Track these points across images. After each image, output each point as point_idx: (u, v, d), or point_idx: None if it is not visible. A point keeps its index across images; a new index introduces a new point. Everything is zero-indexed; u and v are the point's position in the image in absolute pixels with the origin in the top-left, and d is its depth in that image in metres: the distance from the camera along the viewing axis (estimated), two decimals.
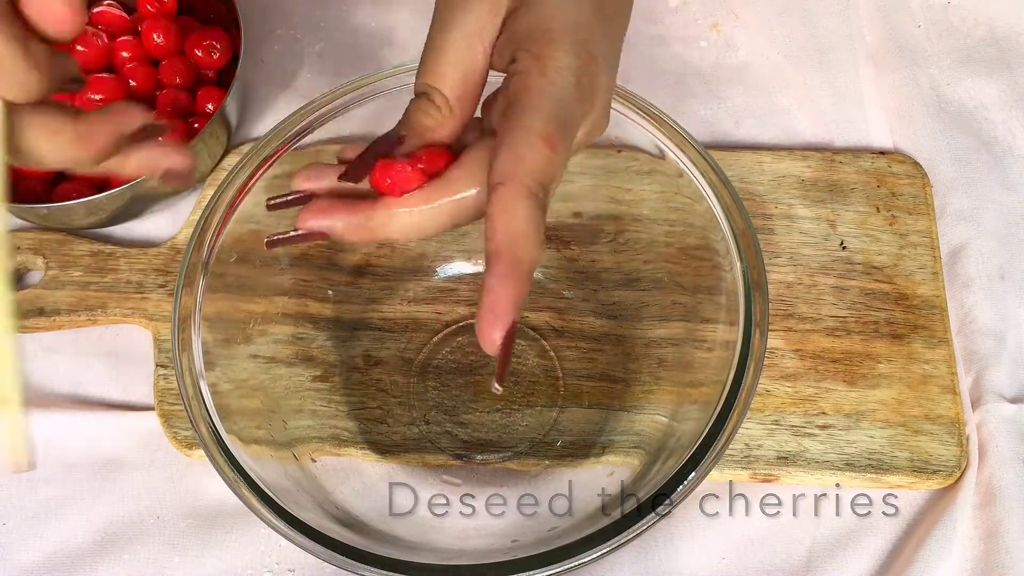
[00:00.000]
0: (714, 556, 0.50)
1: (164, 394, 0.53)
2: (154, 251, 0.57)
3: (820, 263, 0.56)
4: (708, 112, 0.63)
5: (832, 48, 0.66)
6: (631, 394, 0.52)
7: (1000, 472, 0.50)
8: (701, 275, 0.48)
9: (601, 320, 0.55)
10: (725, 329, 0.45)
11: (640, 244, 0.54)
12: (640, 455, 0.48)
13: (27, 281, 0.58)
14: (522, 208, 0.32)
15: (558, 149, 0.32)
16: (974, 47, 0.66)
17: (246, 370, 0.48)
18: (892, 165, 0.60)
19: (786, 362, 0.53)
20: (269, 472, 0.43)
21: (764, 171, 0.59)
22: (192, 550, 0.50)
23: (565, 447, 0.52)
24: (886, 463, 0.50)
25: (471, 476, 0.51)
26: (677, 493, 0.40)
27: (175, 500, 0.51)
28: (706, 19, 0.67)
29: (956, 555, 0.49)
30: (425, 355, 0.54)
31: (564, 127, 0.33)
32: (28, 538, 0.51)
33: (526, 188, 0.32)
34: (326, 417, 0.52)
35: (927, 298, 0.55)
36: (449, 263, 0.56)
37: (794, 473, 0.50)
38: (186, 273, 0.45)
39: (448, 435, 0.52)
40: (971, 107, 0.63)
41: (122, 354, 0.56)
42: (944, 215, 0.59)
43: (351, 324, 0.55)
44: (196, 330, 0.44)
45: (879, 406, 0.52)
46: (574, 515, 0.46)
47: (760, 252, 0.44)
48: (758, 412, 0.52)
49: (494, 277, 0.32)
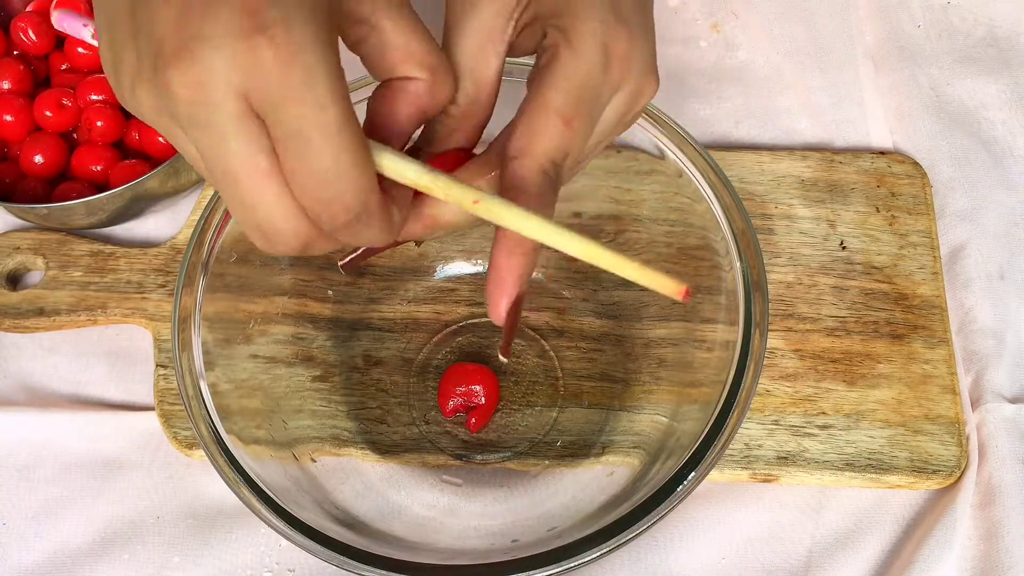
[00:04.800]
0: (714, 556, 0.50)
1: (164, 394, 0.53)
2: (154, 251, 0.57)
3: (820, 263, 0.56)
4: (708, 112, 0.63)
5: (832, 48, 0.66)
6: (631, 394, 0.52)
7: (1000, 472, 0.50)
8: (701, 275, 0.48)
9: (601, 320, 0.55)
10: (725, 329, 0.45)
11: (640, 244, 0.54)
12: (640, 455, 0.48)
13: (27, 281, 0.58)
14: (532, 185, 0.32)
15: (574, 126, 0.33)
16: (974, 47, 0.66)
17: (246, 370, 0.48)
18: (892, 165, 0.60)
19: (786, 362, 0.53)
20: (269, 472, 0.43)
21: (764, 171, 0.59)
22: (192, 550, 0.50)
23: (565, 447, 0.52)
24: (886, 463, 0.50)
25: (471, 476, 0.51)
26: (677, 493, 0.40)
27: (175, 500, 0.51)
28: (706, 19, 0.67)
29: (956, 555, 0.49)
30: (425, 355, 0.54)
31: (585, 102, 0.33)
32: (28, 538, 0.51)
33: (538, 165, 0.32)
34: (326, 417, 0.52)
35: (927, 298, 0.55)
36: (449, 263, 0.56)
37: (794, 473, 0.50)
38: (186, 273, 0.45)
39: (448, 435, 0.52)
40: (971, 107, 0.63)
41: (122, 354, 0.56)
42: (944, 215, 0.59)
43: (351, 324, 0.55)
44: (196, 330, 0.44)
45: (879, 406, 0.52)
46: (574, 515, 0.46)
47: (760, 252, 0.44)
48: (758, 412, 0.52)
49: (502, 251, 0.33)
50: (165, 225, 0.59)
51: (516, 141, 0.33)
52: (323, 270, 0.54)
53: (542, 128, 0.33)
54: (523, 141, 0.33)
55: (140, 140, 0.58)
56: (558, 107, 0.32)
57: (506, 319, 0.34)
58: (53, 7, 0.60)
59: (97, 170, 0.57)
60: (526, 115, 0.33)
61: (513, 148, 0.33)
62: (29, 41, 0.60)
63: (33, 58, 0.61)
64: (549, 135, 0.33)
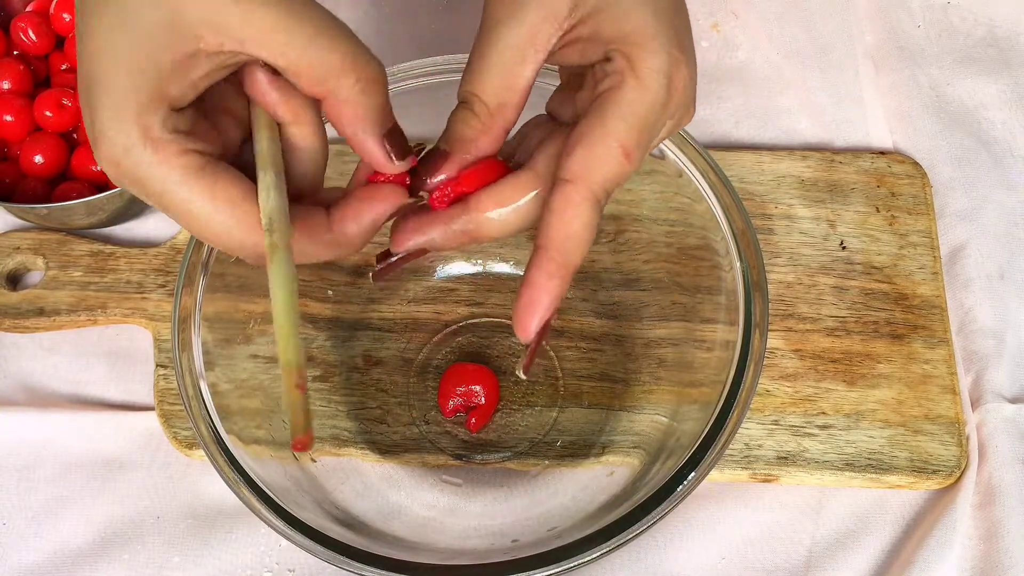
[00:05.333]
0: (713, 556, 0.50)
1: (164, 394, 0.53)
2: (154, 251, 0.57)
3: (820, 263, 0.56)
4: (708, 112, 0.63)
5: (832, 48, 0.66)
6: (631, 394, 0.52)
7: (1000, 472, 0.50)
8: (701, 275, 0.48)
9: (601, 320, 0.55)
10: (725, 329, 0.45)
11: (640, 244, 0.54)
12: (640, 455, 0.48)
13: (27, 281, 0.58)
14: (584, 211, 0.33)
15: (633, 159, 0.33)
16: (974, 47, 0.66)
17: (246, 370, 0.48)
18: (892, 165, 0.60)
19: (786, 362, 0.53)
20: (269, 472, 0.43)
21: (764, 171, 0.59)
22: (192, 550, 0.50)
23: (565, 447, 0.52)
24: (886, 463, 0.50)
25: (471, 476, 0.51)
26: (677, 493, 0.40)
27: (175, 500, 0.51)
28: (706, 19, 0.67)
29: (956, 555, 0.49)
30: (425, 355, 0.54)
31: (646, 135, 0.34)
32: (28, 538, 0.51)
33: (592, 193, 0.33)
34: (326, 417, 0.52)
35: (927, 298, 0.55)
36: (449, 263, 0.56)
37: (794, 473, 0.50)
38: (186, 273, 0.45)
39: (448, 435, 0.52)
40: (971, 107, 0.63)
41: (122, 354, 0.56)
42: (944, 215, 0.59)
43: (351, 324, 0.55)
44: (196, 330, 0.44)
45: (879, 406, 0.52)
46: (574, 515, 0.46)
47: (760, 252, 0.44)
48: (758, 412, 0.52)
49: (542, 272, 0.33)
50: (165, 225, 0.59)
51: (574, 164, 0.33)
52: (323, 270, 0.54)
53: (603, 157, 0.33)
54: (581, 166, 0.33)
55: None
56: (621, 139, 0.33)
57: (534, 339, 0.34)
58: (52, 8, 0.61)
59: (97, 170, 0.57)
60: (586, 140, 0.33)
61: (569, 171, 0.33)
62: (29, 41, 0.60)
63: (33, 58, 0.61)
64: (609, 165, 0.33)
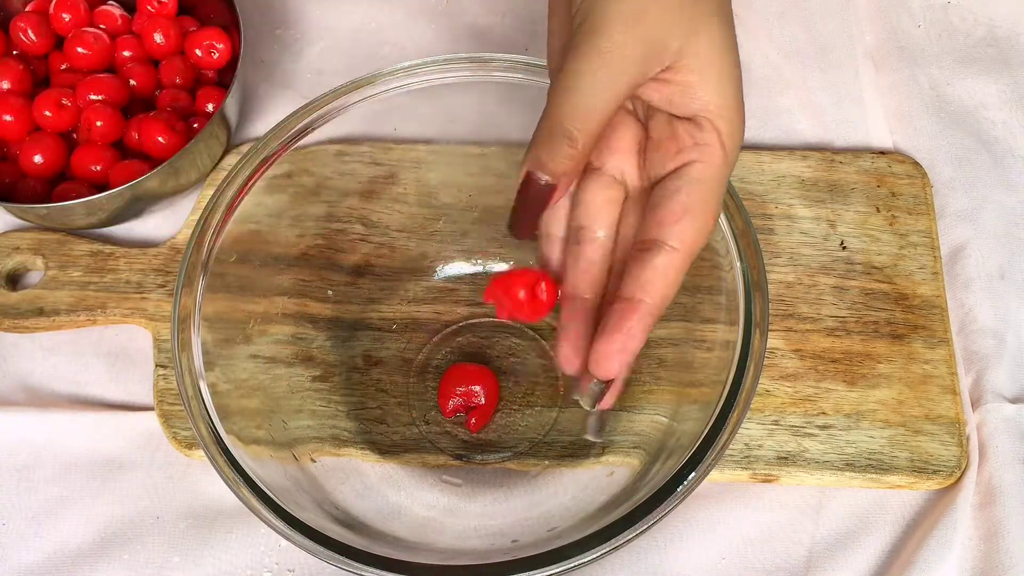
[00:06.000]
0: (714, 556, 0.50)
1: (164, 394, 0.53)
2: (154, 251, 0.57)
3: (820, 263, 0.56)
4: None
5: (832, 48, 0.66)
6: (631, 394, 0.52)
7: (1000, 472, 0.50)
8: (701, 275, 0.48)
9: None
10: (725, 329, 0.45)
11: None
12: (640, 455, 0.48)
13: (27, 281, 0.58)
14: (681, 275, 0.37)
15: (714, 221, 0.37)
16: (974, 47, 0.66)
17: (246, 370, 0.48)
18: (892, 165, 0.60)
19: (786, 362, 0.53)
20: (269, 472, 0.43)
21: (764, 171, 0.59)
22: (192, 550, 0.50)
23: (565, 447, 0.52)
24: (886, 463, 0.50)
25: (471, 476, 0.51)
26: (677, 493, 0.40)
27: (175, 500, 0.51)
28: None
29: (956, 556, 0.49)
30: (425, 355, 0.54)
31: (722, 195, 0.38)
32: (28, 538, 0.51)
33: (691, 259, 0.37)
34: (326, 417, 0.52)
35: (927, 298, 0.55)
36: (449, 263, 0.56)
37: (794, 473, 0.50)
38: (186, 273, 0.45)
39: (448, 435, 0.52)
40: (971, 107, 0.63)
41: (122, 354, 0.56)
42: (944, 215, 0.59)
43: (351, 324, 0.55)
44: (196, 330, 0.44)
45: (879, 406, 0.52)
46: (574, 515, 0.46)
47: (760, 252, 0.44)
48: (758, 412, 0.52)
49: (639, 324, 0.36)
50: (165, 225, 0.59)
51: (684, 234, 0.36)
52: (323, 270, 0.54)
53: (703, 229, 0.36)
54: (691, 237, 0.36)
55: (140, 140, 0.58)
56: (715, 211, 0.37)
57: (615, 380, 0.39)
58: (52, 8, 0.61)
59: (97, 170, 0.57)
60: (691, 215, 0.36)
61: (680, 240, 0.36)
62: (29, 41, 0.60)
63: (33, 58, 0.61)
64: (706, 236, 0.37)
